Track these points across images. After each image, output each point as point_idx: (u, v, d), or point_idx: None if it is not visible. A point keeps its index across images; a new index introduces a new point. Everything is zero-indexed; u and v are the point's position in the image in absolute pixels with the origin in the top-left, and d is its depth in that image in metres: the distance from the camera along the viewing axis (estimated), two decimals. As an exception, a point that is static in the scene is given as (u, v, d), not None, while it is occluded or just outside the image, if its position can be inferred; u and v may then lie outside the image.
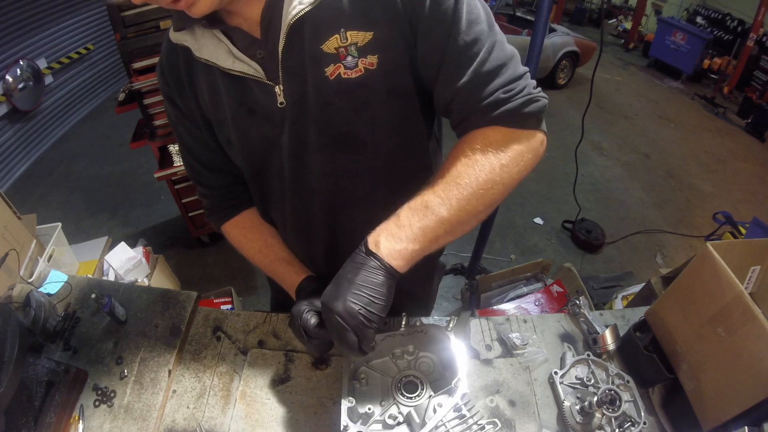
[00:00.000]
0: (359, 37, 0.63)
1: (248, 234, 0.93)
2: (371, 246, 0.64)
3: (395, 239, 0.63)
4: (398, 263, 0.63)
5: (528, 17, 5.80)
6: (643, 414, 0.91)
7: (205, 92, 0.75)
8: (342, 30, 0.63)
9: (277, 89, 0.69)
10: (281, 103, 0.70)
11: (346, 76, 0.66)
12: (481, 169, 0.63)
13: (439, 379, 0.95)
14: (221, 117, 0.76)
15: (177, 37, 0.70)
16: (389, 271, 0.63)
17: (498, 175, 0.64)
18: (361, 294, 0.62)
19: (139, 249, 1.75)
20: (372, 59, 0.65)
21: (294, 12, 0.61)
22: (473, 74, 0.63)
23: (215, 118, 0.78)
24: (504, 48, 0.65)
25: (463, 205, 0.63)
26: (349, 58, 0.64)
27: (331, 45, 0.64)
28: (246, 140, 0.77)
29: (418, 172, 0.80)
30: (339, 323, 0.62)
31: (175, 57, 0.74)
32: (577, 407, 0.92)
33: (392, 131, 0.74)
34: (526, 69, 0.67)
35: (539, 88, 0.67)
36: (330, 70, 0.65)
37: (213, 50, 0.68)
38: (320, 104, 0.69)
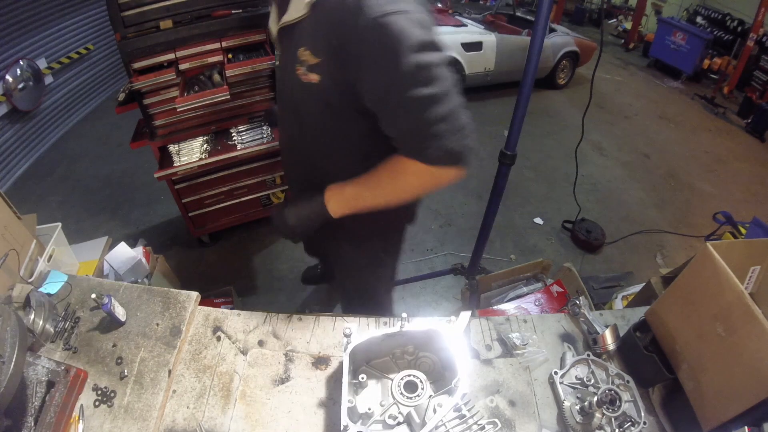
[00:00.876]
0: (311, 58, 0.86)
1: None
2: (326, 199, 1.01)
3: (339, 203, 1.01)
4: (335, 213, 1.02)
5: (528, 17, 5.80)
6: (643, 414, 0.91)
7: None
8: (305, 47, 0.87)
9: (277, 52, 1.01)
10: (276, 63, 1.04)
11: (302, 77, 0.90)
12: (400, 187, 0.93)
13: (439, 379, 0.95)
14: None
15: None
16: (327, 215, 1.02)
17: (410, 192, 0.94)
18: (302, 218, 1.05)
19: (139, 249, 1.75)
20: (315, 77, 0.88)
21: (284, 19, 0.90)
22: (410, 127, 0.82)
23: None
24: (435, 101, 0.78)
25: (383, 203, 0.97)
26: (304, 68, 0.88)
27: (299, 52, 0.88)
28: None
29: (344, 154, 1.03)
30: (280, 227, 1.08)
31: None
32: (577, 407, 0.92)
33: (322, 126, 1.00)
34: (464, 124, 0.81)
35: (468, 132, 0.82)
36: (297, 68, 0.90)
37: (273, 3, 1.00)
38: (289, 81, 0.96)
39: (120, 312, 1.08)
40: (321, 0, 0.81)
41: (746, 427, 0.81)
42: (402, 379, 0.90)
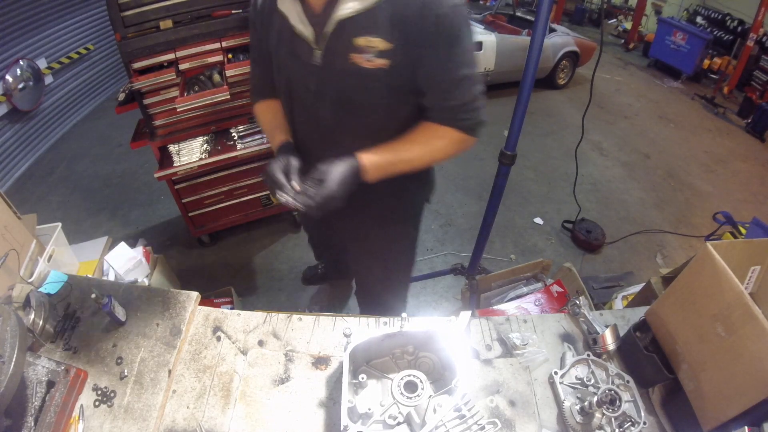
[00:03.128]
0: (383, 44, 0.92)
1: (268, 111, 1.29)
2: (362, 158, 1.00)
3: (374, 167, 1.02)
4: (370, 177, 1.02)
5: (528, 17, 5.80)
6: (643, 414, 0.91)
7: (275, 30, 1.06)
8: (373, 35, 0.91)
9: (317, 53, 0.99)
10: (317, 63, 1.00)
11: (362, 65, 0.94)
12: (432, 150, 1.06)
13: (439, 379, 0.95)
14: (278, 53, 1.09)
15: None
16: (360, 179, 1.00)
17: (440, 155, 1.08)
18: (344, 182, 0.97)
19: (139, 249, 1.75)
20: (385, 62, 0.94)
21: (342, 13, 0.91)
22: (456, 101, 0.99)
23: (274, 50, 1.11)
24: (475, 81, 0.99)
25: (413, 165, 1.08)
26: (369, 55, 0.93)
27: (360, 41, 0.92)
28: (287, 72, 1.11)
29: (392, 132, 1.08)
30: (321, 181, 0.95)
31: None
32: (577, 407, 0.92)
33: (379, 107, 1.05)
34: (483, 99, 1.02)
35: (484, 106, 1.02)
36: (354, 57, 0.94)
37: (288, 7, 0.98)
38: (339, 73, 0.99)
39: (120, 312, 1.08)
40: None
41: (746, 427, 0.81)
42: (402, 379, 0.90)
